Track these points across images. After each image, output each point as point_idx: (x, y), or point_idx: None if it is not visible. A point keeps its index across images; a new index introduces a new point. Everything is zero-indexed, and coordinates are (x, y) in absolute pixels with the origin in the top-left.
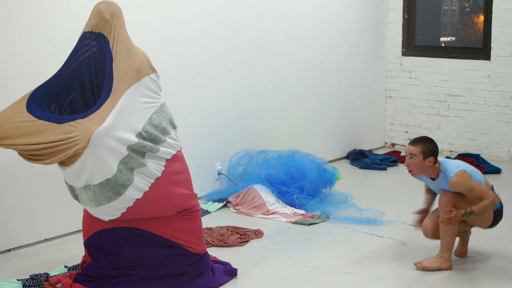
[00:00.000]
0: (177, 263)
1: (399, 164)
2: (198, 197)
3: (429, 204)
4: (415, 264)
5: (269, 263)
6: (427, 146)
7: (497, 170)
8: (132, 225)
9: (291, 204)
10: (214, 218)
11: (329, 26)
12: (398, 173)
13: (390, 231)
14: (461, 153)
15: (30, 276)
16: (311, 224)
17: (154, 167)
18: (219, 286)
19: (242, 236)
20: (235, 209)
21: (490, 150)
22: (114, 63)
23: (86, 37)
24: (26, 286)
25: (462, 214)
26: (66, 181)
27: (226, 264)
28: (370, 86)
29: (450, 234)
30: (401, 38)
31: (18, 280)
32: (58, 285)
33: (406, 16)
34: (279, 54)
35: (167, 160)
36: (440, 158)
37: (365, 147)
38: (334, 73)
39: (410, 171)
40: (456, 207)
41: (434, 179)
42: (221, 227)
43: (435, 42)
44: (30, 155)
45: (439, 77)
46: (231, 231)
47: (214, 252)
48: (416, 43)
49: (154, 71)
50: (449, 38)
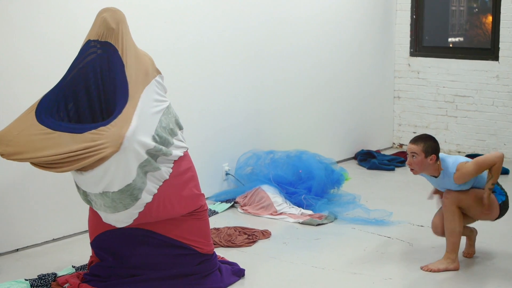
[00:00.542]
0: (184, 263)
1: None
2: (206, 197)
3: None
4: (422, 268)
5: (276, 264)
6: (429, 144)
7: (505, 171)
8: (139, 226)
9: (299, 204)
10: (222, 219)
11: (337, 27)
12: (406, 173)
13: (398, 232)
14: (469, 153)
15: (38, 276)
16: (319, 224)
17: (165, 170)
18: (227, 287)
19: (250, 236)
20: (243, 209)
21: (498, 151)
22: (126, 70)
23: (91, 45)
24: (34, 286)
25: (490, 189)
26: (79, 186)
27: (233, 264)
28: (378, 86)
29: (455, 234)
30: (409, 39)
31: (26, 280)
32: (66, 285)
33: (414, 16)
34: (287, 55)
35: (174, 161)
36: (441, 154)
37: (373, 148)
38: (342, 73)
39: (412, 170)
40: (460, 207)
41: (436, 177)
42: (228, 228)
43: (443, 42)
44: (47, 165)
45: (447, 77)
46: (239, 232)
47: (222, 252)
48: (424, 44)
49: (159, 73)
50: (457, 39)
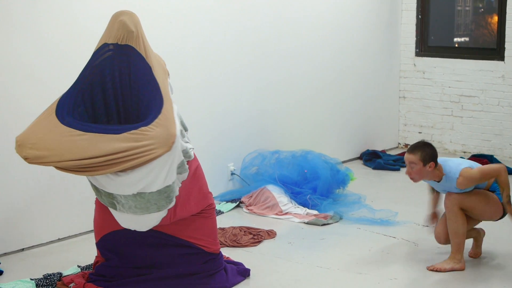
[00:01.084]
0: (190, 262)
1: None
2: None
3: (435, 203)
4: (428, 268)
5: (282, 264)
6: (426, 152)
7: (511, 171)
8: None
9: (304, 204)
10: (227, 218)
11: (342, 26)
12: None
13: (403, 232)
14: (474, 154)
15: (43, 275)
16: (324, 224)
17: (187, 172)
18: (232, 286)
19: (255, 236)
20: (248, 209)
21: (503, 151)
22: (154, 72)
23: (109, 48)
24: (39, 286)
25: (508, 202)
26: (104, 189)
27: (239, 264)
28: (383, 86)
29: (460, 235)
30: (414, 39)
31: (31, 279)
32: (71, 284)
33: (419, 16)
34: (292, 55)
35: (187, 161)
36: (440, 158)
37: (378, 148)
38: (347, 73)
39: (412, 179)
40: (462, 209)
41: (439, 181)
42: (234, 227)
43: (449, 42)
44: (80, 168)
45: (453, 77)
46: (244, 231)
47: (227, 252)
48: (429, 44)
49: (168, 74)
50: (462, 39)
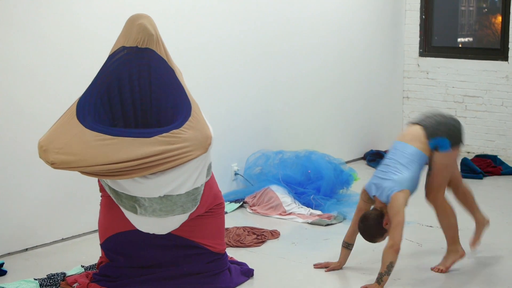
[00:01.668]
0: (195, 262)
1: None
2: None
3: (343, 261)
4: (432, 269)
5: (285, 264)
6: (376, 233)
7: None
8: None
9: (308, 204)
10: (231, 219)
11: (345, 26)
12: None
13: (406, 232)
14: (478, 154)
15: (47, 275)
16: (328, 225)
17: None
18: (236, 286)
19: (259, 236)
20: (252, 209)
21: (507, 151)
22: (177, 75)
23: (128, 52)
24: (43, 286)
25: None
26: (126, 193)
27: (242, 264)
28: (387, 86)
29: (453, 226)
30: (418, 39)
31: (35, 279)
32: (75, 284)
33: (423, 16)
34: (296, 54)
35: None
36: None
37: (382, 148)
38: (351, 73)
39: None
40: (442, 189)
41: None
42: (237, 228)
43: (453, 42)
44: (111, 173)
45: (457, 78)
46: (248, 232)
47: (231, 252)
48: (433, 44)
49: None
50: (466, 39)
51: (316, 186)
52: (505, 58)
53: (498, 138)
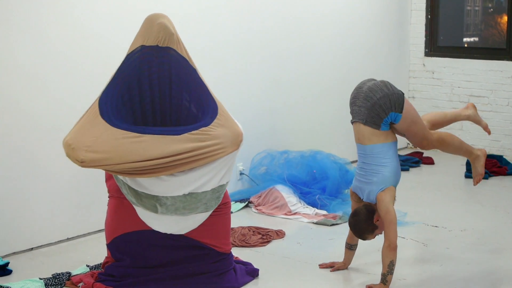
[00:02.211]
0: (201, 262)
1: (422, 165)
2: None
3: (348, 262)
4: (475, 182)
5: (290, 264)
6: (365, 228)
7: None
8: None
9: (313, 204)
10: (236, 218)
11: (351, 26)
12: (420, 174)
13: (412, 232)
14: None
15: (52, 275)
16: (333, 224)
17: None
18: (241, 286)
19: (264, 236)
20: (257, 209)
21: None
22: (199, 74)
23: (148, 51)
24: (48, 285)
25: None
26: (148, 192)
27: (248, 264)
28: None
29: (458, 146)
30: (424, 39)
31: (40, 279)
32: (80, 284)
33: (429, 16)
34: (301, 54)
35: None
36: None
37: None
38: (356, 73)
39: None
40: (432, 129)
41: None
42: (243, 227)
43: (458, 42)
44: (143, 170)
45: (462, 77)
46: (253, 231)
47: (236, 252)
48: (439, 44)
49: None
50: (472, 39)
51: (321, 186)
52: (510, 58)
53: (503, 138)
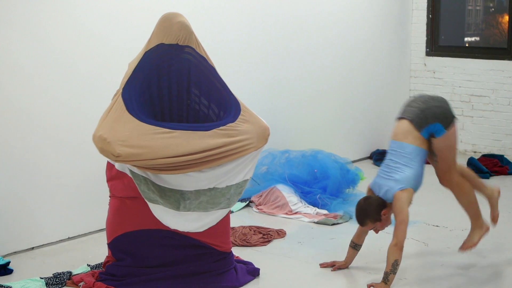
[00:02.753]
0: (201, 261)
1: None
2: None
3: (349, 261)
4: (460, 250)
5: (291, 263)
6: (371, 214)
7: None
8: (162, 227)
9: (314, 204)
10: (237, 218)
11: (352, 25)
12: None
13: (413, 232)
14: (485, 153)
15: (53, 274)
16: (334, 224)
17: None
18: (242, 286)
19: (265, 236)
20: (258, 208)
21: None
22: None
23: (167, 49)
24: (49, 285)
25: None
26: (173, 187)
27: (248, 263)
28: (393, 86)
29: (473, 203)
30: (425, 38)
31: (41, 278)
32: (81, 283)
33: (430, 16)
34: (302, 54)
35: None
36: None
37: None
38: (357, 73)
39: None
40: (452, 170)
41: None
42: (243, 227)
43: (459, 42)
44: (175, 166)
45: (463, 77)
46: (254, 231)
47: (237, 251)
48: (440, 43)
49: None
50: (473, 38)
51: (322, 185)
52: None
53: (505, 137)
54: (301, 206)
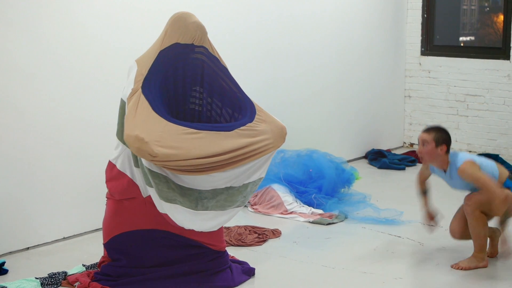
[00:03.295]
0: (196, 260)
1: (418, 164)
2: None
3: (426, 204)
4: (452, 266)
5: (286, 263)
6: (440, 134)
7: None
8: (158, 227)
9: (309, 203)
10: (232, 218)
11: (348, 25)
12: (416, 173)
13: (408, 231)
14: (480, 153)
15: (48, 274)
16: (329, 224)
17: None
18: (237, 285)
19: (260, 235)
20: (253, 208)
21: (509, 150)
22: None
23: (183, 49)
24: (44, 285)
25: (504, 230)
26: (193, 187)
27: (244, 263)
28: (388, 85)
29: (482, 237)
30: (420, 38)
31: (36, 278)
32: (76, 283)
33: (425, 15)
34: (297, 53)
35: None
36: (452, 151)
37: (383, 147)
38: (352, 72)
39: (421, 158)
40: (483, 212)
41: (445, 171)
42: (239, 227)
43: (454, 41)
44: (203, 167)
45: (458, 76)
46: (249, 231)
47: (232, 251)
48: (435, 43)
49: None
50: (468, 38)
51: (317, 185)
52: (507, 57)
53: (499, 137)
54: (296, 205)
